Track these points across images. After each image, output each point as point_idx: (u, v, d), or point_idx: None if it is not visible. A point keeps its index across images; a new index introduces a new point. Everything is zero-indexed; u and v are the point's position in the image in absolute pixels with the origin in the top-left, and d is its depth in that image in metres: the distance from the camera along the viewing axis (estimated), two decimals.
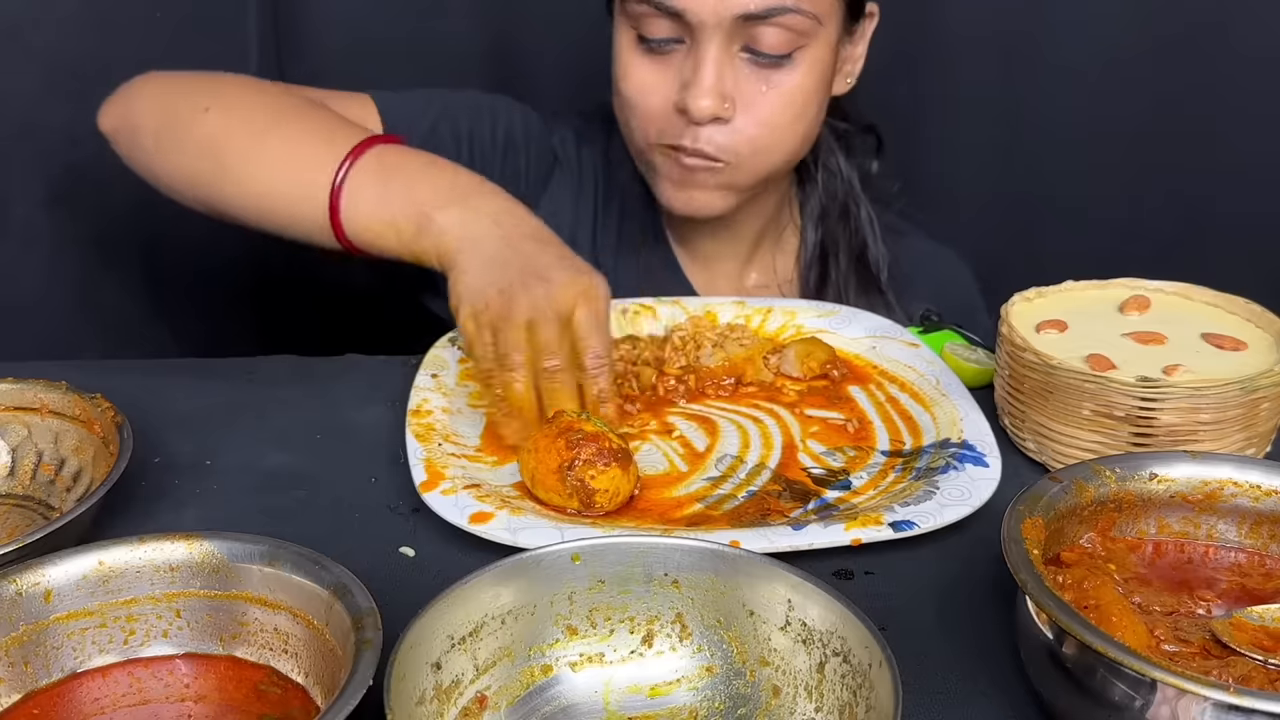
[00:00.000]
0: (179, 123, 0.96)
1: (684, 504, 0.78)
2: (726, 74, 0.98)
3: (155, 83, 1.00)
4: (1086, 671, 0.55)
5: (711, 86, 0.97)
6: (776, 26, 0.97)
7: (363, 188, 0.91)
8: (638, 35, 1.01)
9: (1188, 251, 1.43)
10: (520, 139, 1.13)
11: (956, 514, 0.74)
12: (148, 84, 1.00)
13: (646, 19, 0.99)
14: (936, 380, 0.91)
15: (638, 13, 0.99)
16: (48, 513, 0.76)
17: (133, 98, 1.00)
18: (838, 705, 0.57)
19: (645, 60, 1.01)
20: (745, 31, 0.97)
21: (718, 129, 1.00)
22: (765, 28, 0.97)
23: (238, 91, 0.99)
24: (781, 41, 0.98)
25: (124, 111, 1.00)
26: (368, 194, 0.91)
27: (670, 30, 0.99)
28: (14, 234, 1.27)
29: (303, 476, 0.82)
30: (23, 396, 0.79)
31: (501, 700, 0.60)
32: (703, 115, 0.98)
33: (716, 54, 0.97)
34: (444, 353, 0.94)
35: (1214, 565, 0.68)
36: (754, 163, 1.03)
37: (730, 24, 0.96)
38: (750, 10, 0.95)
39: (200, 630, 0.62)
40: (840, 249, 1.15)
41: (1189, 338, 0.85)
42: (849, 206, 1.16)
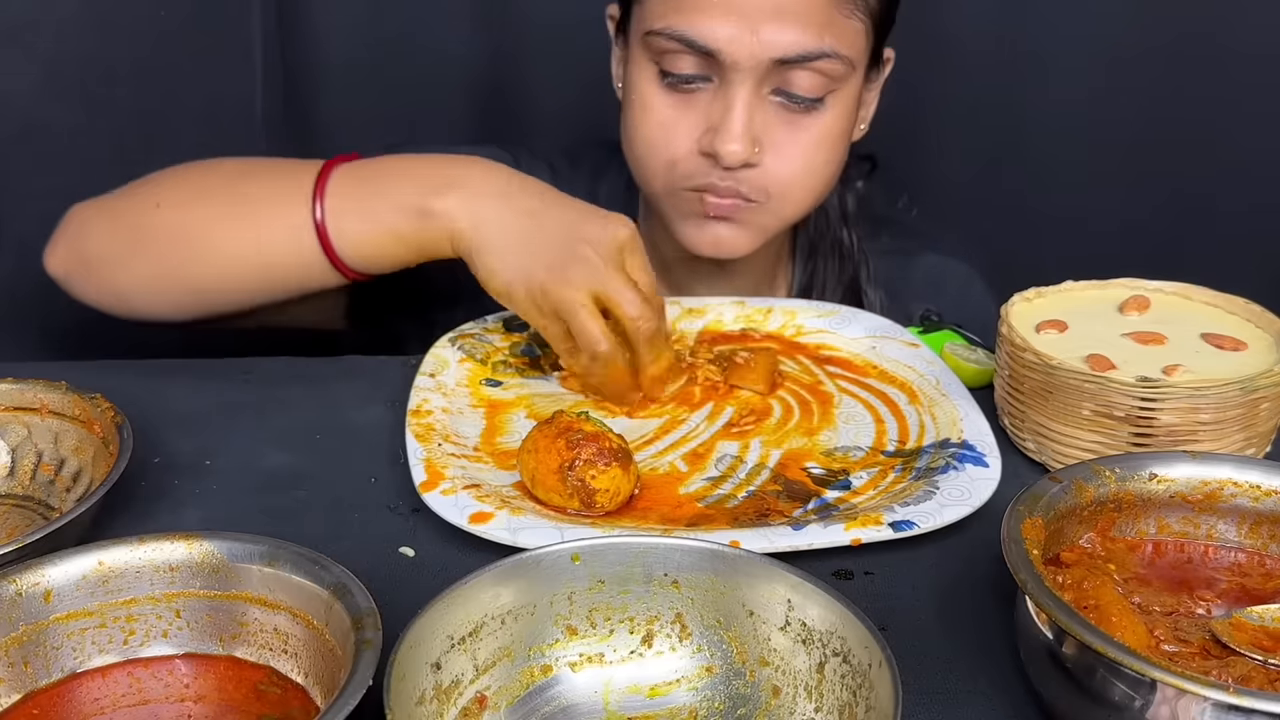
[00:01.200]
0: (134, 231, 0.93)
1: (684, 504, 0.78)
2: (757, 117, 0.95)
3: (90, 209, 0.97)
4: (1086, 671, 0.55)
5: (743, 131, 0.94)
6: (811, 71, 0.94)
7: (344, 212, 0.89)
8: (660, 70, 0.96)
9: (1188, 251, 1.43)
10: None
11: (956, 514, 0.74)
12: (84, 212, 0.97)
13: (672, 55, 0.94)
14: (936, 380, 0.91)
15: (663, 48, 0.94)
16: (48, 513, 0.76)
17: (75, 234, 0.97)
18: (838, 705, 0.57)
19: (668, 97, 0.97)
20: (778, 75, 0.94)
21: (749, 172, 0.96)
22: (800, 72, 0.94)
23: (180, 178, 0.96)
24: (814, 85, 0.95)
25: (72, 249, 0.96)
26: (351, 215, 0.89)
27: (697, 68, 0.94)
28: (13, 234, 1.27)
29: (303, 476, 0.82)
30: (23, 396, 0.79)
31: (501, 700, 0.60)
32: (734, 160, 0.94)
33: (748, 96, 0.94)
34: (444, 352, 0.94)
35: (1214, 565, 0.68)
36: (782, 205, 1.00)
37: (765, 67, 0.93)
38: (788, 55, 0.92)
39: (200, 630, 0.62)
40: (828, 285, 1.13)
41: (1189, 338, 0.85)
42: (840, 239, 1.14)
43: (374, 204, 0.89)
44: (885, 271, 1.15)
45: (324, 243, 0.89)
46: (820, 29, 0.92)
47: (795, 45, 0.92)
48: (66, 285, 0.97)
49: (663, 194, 1.01)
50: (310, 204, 0.89)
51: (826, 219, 1.14)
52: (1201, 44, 1.40)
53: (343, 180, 0.90)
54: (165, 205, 0.93)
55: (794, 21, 0.92)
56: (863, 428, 0.88)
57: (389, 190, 0.89)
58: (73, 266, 0.96)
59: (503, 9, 1.40)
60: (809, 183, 1.00)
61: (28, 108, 1.24)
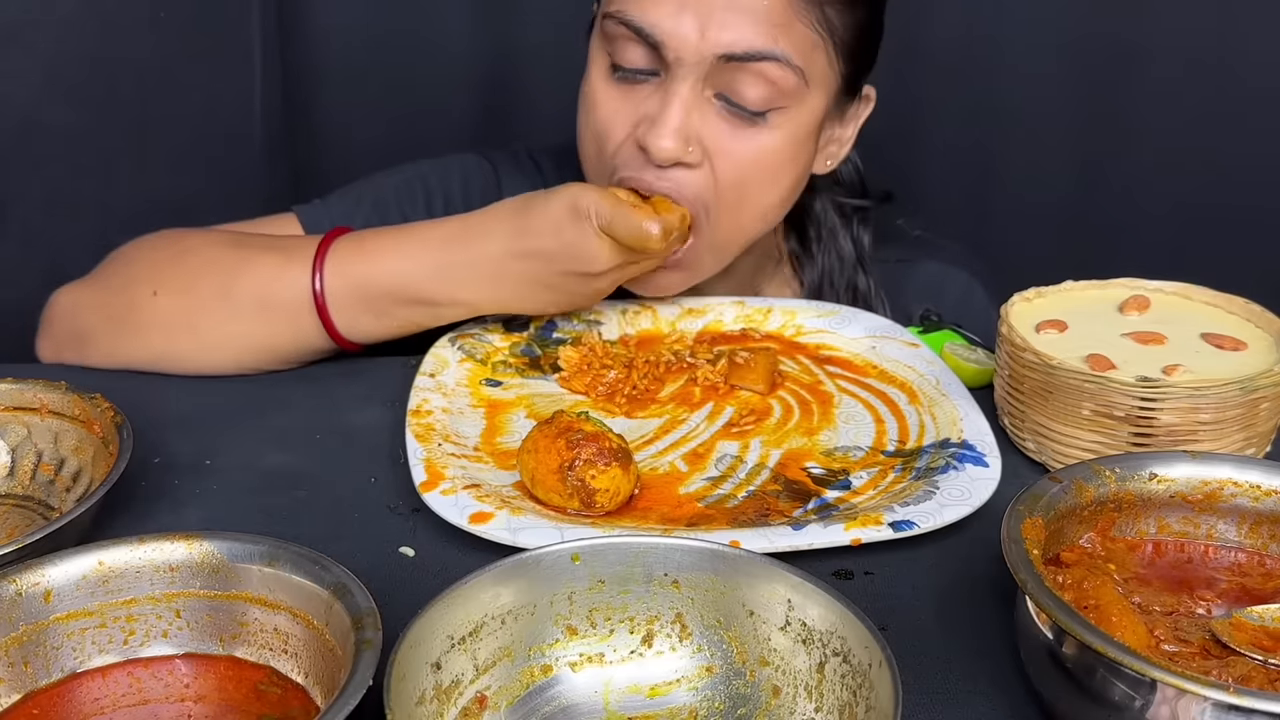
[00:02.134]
0: (131, 315, 0.94)
1: (684, 504, 0.78)
2: (694, 116, 0.91)
3: (77, 291, 0.98)
4: (1086, 671, 0.55)
5: (676, 127, 0.90)
6: (758, 76, 0.90)
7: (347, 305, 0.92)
8: (611, 63, 0.94)
9: (1188, 251, 1.43)
10: (462, 206, 1.10)
11: (956, 514, 0.74)
12: (70, 295, 0.98)
13: (622, 43, 0.92)
14: (936, 380, 0.91)
15: (615, 34, 0.92)
16: (48, 513, 0.76)
17: (63, 316, 0.98)
18: (838, 705, 0.57)
19: (614, 89, 0.95)
20: (724, 76, 0.90)
21: (685, 173, 0.92)
22: (745, 75, 0.90)
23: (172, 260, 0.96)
24: (760, 96, 0.91)
25: (63, 331, 0.97)
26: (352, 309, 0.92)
27: (644, 60, 0.92)
28: (13, 234, 1.28)
29: (303, 476, 0.82)
30: (23, 396, 0.79)
31: (501, 700, 0.60)
32: (663, 156, 0.91)
33: (687, 94, 0.90)
34: (444, 352, 0.94)
35: (1214, 565, 0.68)
36: (726, 221, 0.95)
37: (710, 64, 0.89)
38: (734, 51, 0.89)
39: (200, 630, 0.62)
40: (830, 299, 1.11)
41: (1189, 338, 0.85)
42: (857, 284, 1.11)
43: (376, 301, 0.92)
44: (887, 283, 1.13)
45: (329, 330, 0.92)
46: (774, 30, 0.89)
47: (743, 42, 0.89)
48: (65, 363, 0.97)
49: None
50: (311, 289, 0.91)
51: (840, 264, 1.11)
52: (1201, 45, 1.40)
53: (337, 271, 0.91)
54: (162, 293, 0.93)
55: (747, 18, 0.89)
56: (863, 428, 0.88)
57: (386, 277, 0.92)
58: (65, 348, 0.97)
59: (502, 9, 1.41)
60: (746, 201, 0.95)
61: (28, 107, 1.24)
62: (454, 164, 1.14)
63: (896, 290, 1.13)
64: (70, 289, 0.99)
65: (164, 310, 0.93)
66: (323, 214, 1.07)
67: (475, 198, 1.11)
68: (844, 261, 1.11)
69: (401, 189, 1.11)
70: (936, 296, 1.15)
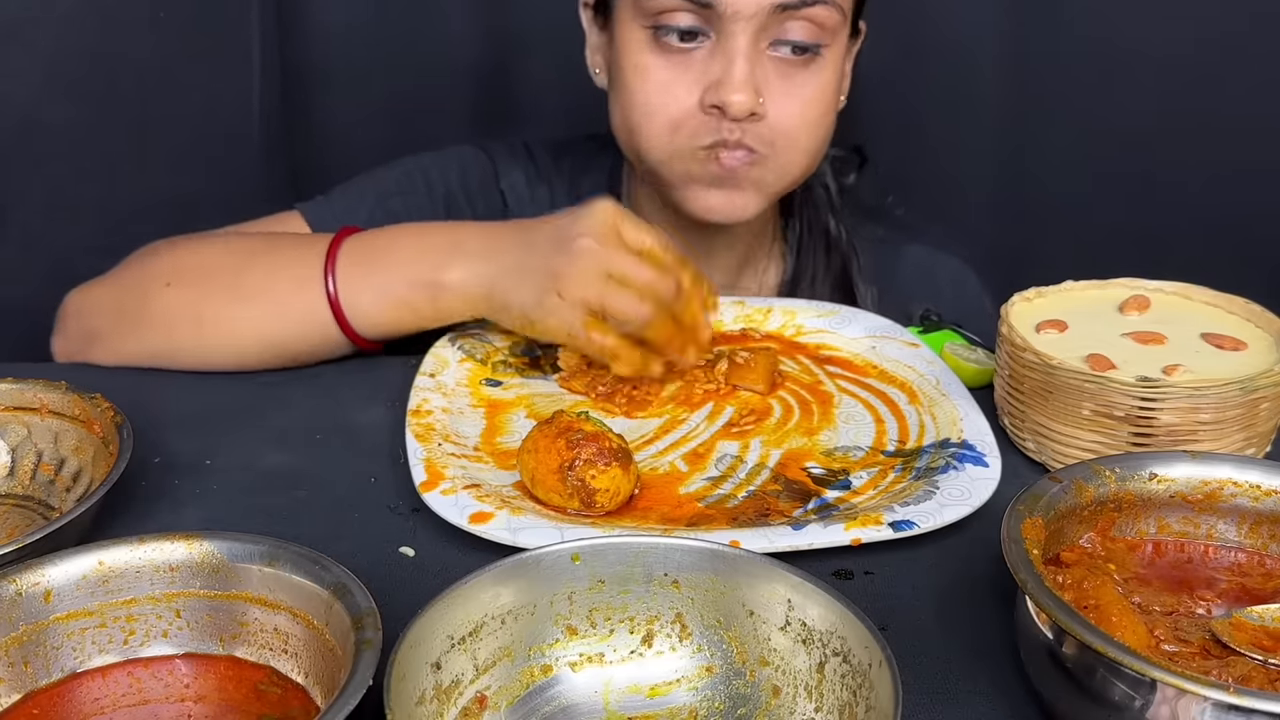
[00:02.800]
0: (142, 307, 0.94)
1: (684, 504, 0.78)
2: (757, 69, 0.96)
3: (90, 290, 0.99)
4: (1086, 671, 0.55)
5: (746, 80, 0.95)
6: (807, 21, 0.95)
7: (358, 292, 0.91)
8: (654, 33, 0.97)
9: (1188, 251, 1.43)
10: (462, 197, 1.12)
11: (956, 514, 0.74)
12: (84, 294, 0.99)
13: (668, 13, 0.95)
14: (936, 380, 0.91)
15: (659, 6, 0.95)
16: (48, 513, 0.76)
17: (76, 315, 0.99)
18: (838, 705, 0.57)
19: (663, 59, 0.97)
20: (776, 25, 0.95)
21: (753, 123, 0.97)
22: (796, 21, 0.95)
23: (186, 255, 0.97)
24: (810, 35, 0.96)
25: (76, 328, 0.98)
26: (365, 295, 0.91)
27: (695, 21, 0.95)
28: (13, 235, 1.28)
29: (303, 476, 0.82)
30: (23, 396, 0.79)
31: (501, 700, 0.60)
32: (741, 110, 0.95)
33: (747, 48, 0.95)
34: (444, 352, 0.94)
35: (1214, 565, 0.68)
36: (786, 158, 1.00)
37: (765, 16, 0.94)
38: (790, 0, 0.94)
39: (200, 630, 0.62)
40: (819, 274, 1.14)
41: (1189, 338, 0.85)
42: (829, 230, 1.14)
43: (385, 281, 0.91)
44: (873, 263, 1.15)
45: (340, 321, 0.92)
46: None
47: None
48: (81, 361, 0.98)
49: (665, 160, 1.01)
50: (323, 289, 0.91)
51: (815, 209, 1.15)
52: (1201, 46, 1.40)
53: (350, 264, 0.92)
54: (175, 285, 0.94)
55: None
56: (863, 428, 0.88)
57: (398, 271, 0.91)
58: (78, 346, 0.98)
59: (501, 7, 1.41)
60: (809, 135, 1.01)
61: (28, 106, 1.24)
62: (452, 156, 1.15)
63: (886, 273, 1.15)
64: (85, 288, 1.00)
65: (175, 303, 0.93)
66: (326, 210, 1.07)
67: (474, 189, 1.13)
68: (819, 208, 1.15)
69: (403, 181, 1.11)
70: (928, 281, 1.17)
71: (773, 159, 1.00)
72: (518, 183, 1.14)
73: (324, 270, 0.91)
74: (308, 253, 0.93)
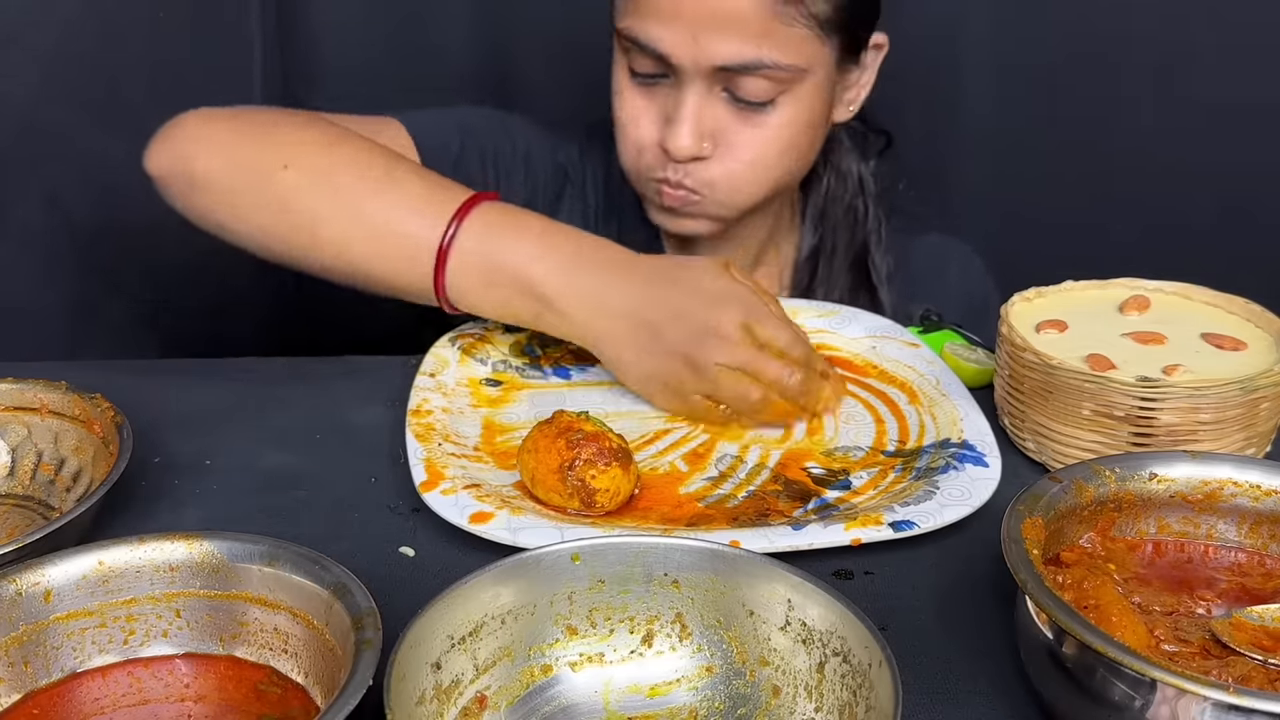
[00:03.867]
0: (257, 182, 0.90)
1: (684, 504, 0.78)
2: (706, 115, 0.99)
3: (213, 127, 0.94)
4: (1086, 671, 0.55)
5: (691, 128, 0.98)
6: (756, 77, 0.96)
7: (468, 269, 0.87)
8: (629, 67, 1.01)
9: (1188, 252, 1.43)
10: (535, 155, 1.13)
11: (956, 514, 0.74)
12: (205, 128, 0.94)
13: (635, 53, 0.99)
14: (936, 380, 0.91)
15: (626, 46, 1.00)
16: (48, 513, 0.76)
17: (189, 143, 0.94)
18: (838, 705, 0.57)
19: (636, 89, 1.02)
20: (725, 78, 0.97)
21: (698, 165, 1.00)
22: (744, 78, 0.97)
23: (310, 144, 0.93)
24: (762, 89, 0.97)
25: (180, 157, 0.93)
26: (474, 275, 0.87)
27: (655, 66, 0.99)
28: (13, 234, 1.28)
29: (303, 476, 0.82)
30: (23, 396, 0.79)
31: (501, 700, 0.60)
32: (680, 154, 0.99)
33: (696, 96, 0.98)
34: (444, 352, 0.94)
35: (1214, 565, 0.68)
36: (732, 198, 1.03)
37: (709, 71, 0.96)
38: (729, 64, 0.95)
39: (200, 630, 0.62)
40: (838, 250, 1.15)
41: (1189, 338, 0.85)
42: (856, 208, 1.15)
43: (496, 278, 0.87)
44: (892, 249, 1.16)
45: (438, 286, 0.88)
46: (758, 39, 0.95)
47: (734, 55, 0.95)
48: (163, 189, 0.94)
49: (634, 178, 1.06)
50: (439, 246, 0.87)
51: (844, 185, 1.15)
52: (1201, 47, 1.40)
53: (474, 236, 0.87)
54: (294, 171, 0.90)
55: (731, 31, 0.94)
56: (863, 428, 0.88)
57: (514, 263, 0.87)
58: (175, 179, 0.93)
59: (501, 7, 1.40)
60: (758, 176, 1.02)
61: (29, 108, 1.24)
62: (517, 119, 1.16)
63: (901, 258, 1.16)
64: (202, 120, 0.95)
65: (288, 190, 0.90)
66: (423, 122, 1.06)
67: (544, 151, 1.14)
68: (847, 183, 1.15)
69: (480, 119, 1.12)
70: (938, 268, 1.19)
71: (711, 199, 1.02)
72: (573, 154, 1.15)
73: (445, 231, 0.87)
74: (435, 201, 0.89)
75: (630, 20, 0.98)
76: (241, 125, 0.95)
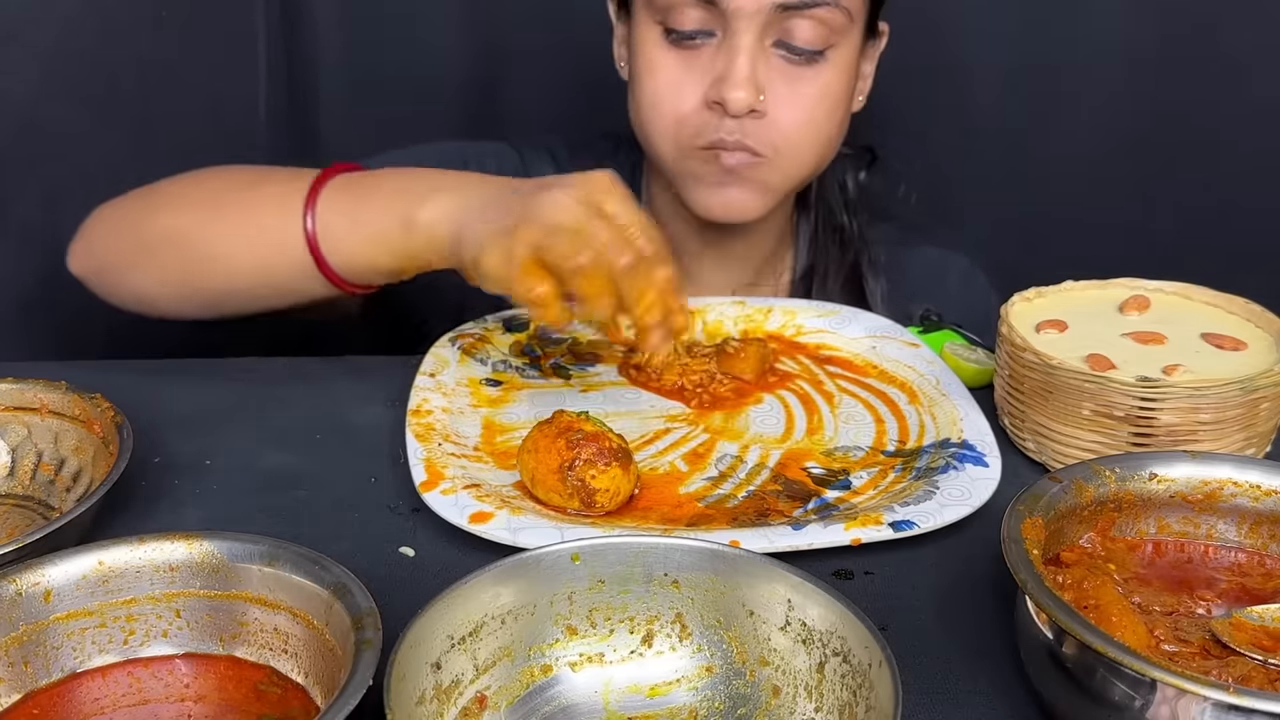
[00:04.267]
0: (141, 236, 0.93)
1: (684, 504, 0.78)
2: (760, 67, 0.96)
3: (105, 212, 0.98)
4: (1086, 671, 0.55)
5: (747, 77, 0.95)
6: (812, 20, 0.95)
7: (334, 221, 0.88)
8: (664, 29, 0.98)
9: (1188, 252, 1.43)
10: None
11: (956, 514, 0.74)
12: (100, 215, 0.98)
13: (676, 10, 0.96)
14: (936, 380, 0.91)
15: (666, 4, 0.96)
16: (48, 513, 0.76)
17: (93, 236, 0.98)
18: (838, 705, 0.57)
19: (672, 56, 0.98)
20: (780, 24, 0.95)
21: (754, 122, 0.97)
22: (801, 21, 0.95)
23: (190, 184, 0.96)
24: (815, 36, 0.96)
25: (89, 252, 0.97)
26: (341, 222, 0.88)
27: (701, 21, 0.96)
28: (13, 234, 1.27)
29: (303, 476, 0.82)
30: (23, 396, 0.79)
31: (501, 700, 0.60)
32: (740, 107, 0.95)
33: (751, 45, 0.95)
34: (444, 352, 0.94)
35: (1214, 565, 0.68)
36: (789, 160, 1.00)
37: (767, 14, 0.94)
38: (791, 1, 0.93)
39: (200, 630, 0.62)
40: (830, 270, 1.14)
41: (1189, 338, 0.85)
42: (843, 228, 1.14)
43: (363, 212, 0.88)
44: (884, 260, 1.15)
45: (314, 253, 0.88)
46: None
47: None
48: (88, 286, 0.97)
49: (674, 157, 1.02)
50: (302, 213, 0.88)
51: (828, 206, 1.14)
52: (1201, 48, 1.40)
53: (334, 192, 0.89)
54: (172, 211, 0.93)
55: None
56: (863, 428, 0.88)
57: (376, 202, 0.88)
58: (90, 270, 0.97)
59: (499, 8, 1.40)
60: (813, 137, 1.00)
61: (29, 106, 1.24)
62: (488, 149, 1.14)
63: (897, 271, 1.15)
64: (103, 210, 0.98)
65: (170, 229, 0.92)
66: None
67: None
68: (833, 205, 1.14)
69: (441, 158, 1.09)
70: (937, 280, 1.16)
71: (775, 160, 0.99)
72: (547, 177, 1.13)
73: (307, 198, 0.88)
74: (296, 181, 0.90)
75: None
76: (132, 199, 0.98)
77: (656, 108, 1.00)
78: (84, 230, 0.98)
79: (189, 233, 0.92)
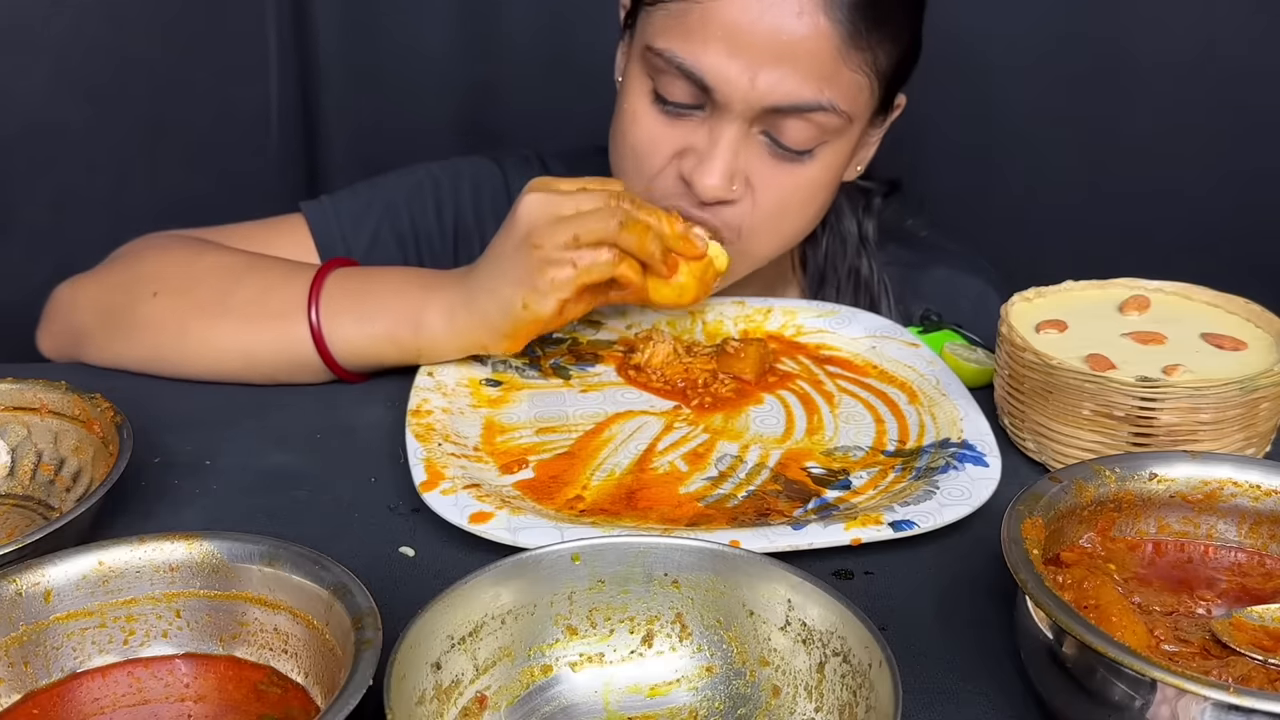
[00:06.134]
0: (127, 315, 0.93)
1: (684, 504, 0.78)
2: (740, 155, 0.92)
3: (78, 286, 0.99)
4: (1086, 671, 0.55)
5: (724, 169, 0.91)
6: (805, 121, 0.91)
7: (341, 324, 0.90)
8: (653, 91, 0.93)
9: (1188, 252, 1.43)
10: (471, 218, 1.10)
11: (956, 514, 0.74)
12: (71, 290, 0.99)
13: (668, 78, 0.91)
14: (936, 380, 0.91)
15: (660, 67, 0.91)
16: (48, 513, 0.76)
17: (63, 311, 0.98)
18: (838, 705, 0.57)
19: (656, 115, 0.94)
20: (771, 119, 0.91)
21: (727, 207, 0.94)
22: (793, 121, 0.91)
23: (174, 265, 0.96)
24: (805, 137, 0.92)
25: (61, 325, 0.98)
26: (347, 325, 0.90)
27: (690, 97, 0.91)
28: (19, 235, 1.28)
29: (303, 476, 0.82)
30: (23, 396, 0.79)
31: (501, 700, 0.60)
32: (710, 196, 0.92)
33: (735, 136, 0.91)
34: None
35: (1214, 565, 0.68)
36: (754, 243, 0.97)
37: (757, 111, 0.90)
38: (782, 105, 0.89)
39: (200, 630, 0.62)
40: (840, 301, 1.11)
41: (1189, 338, 0.85)
42: (859, 270, 1.11)
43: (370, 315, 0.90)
44: (898, 287, 1.13)
45: (321, 351, 0.90)
46: (822, 82, 0.89)
47: (792, 95, 0.89)
48: (60, 360, 0.98)
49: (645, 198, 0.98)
50: (306, 315, 0.90)
51: (843, 247, 1.11)
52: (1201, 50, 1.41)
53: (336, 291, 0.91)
54: (162, 294, 0.93)
55: (796, 70, 0.88)
56: (863, 428, 0.88)
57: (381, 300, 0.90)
58: (64, 343, 0.98)
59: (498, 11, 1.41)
60: (781, 227, 0.98)
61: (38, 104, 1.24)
62: (464, 167, 1.13)
63: (908, 297, 1.13)
64: (73, 283, 0.99)
65: (160, 312, 0.93)
66: (330, 214, 1.06)
67: (485, 202, 1.11)
68: (846, 244, 1.11)
69: (413, 192, 1.10)
70: (950, 302, 1.13)
71: (737, 244, 0.95)
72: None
73: (309, 300, 0.90)
74: (294, 280, 0.92)
75: (673, 42, 0.90)
76: (103, 275, 0.99)
77: (632, 160, 0.97)
78: (51, 313, 0.99)
79: (184, 322, 0.92)
